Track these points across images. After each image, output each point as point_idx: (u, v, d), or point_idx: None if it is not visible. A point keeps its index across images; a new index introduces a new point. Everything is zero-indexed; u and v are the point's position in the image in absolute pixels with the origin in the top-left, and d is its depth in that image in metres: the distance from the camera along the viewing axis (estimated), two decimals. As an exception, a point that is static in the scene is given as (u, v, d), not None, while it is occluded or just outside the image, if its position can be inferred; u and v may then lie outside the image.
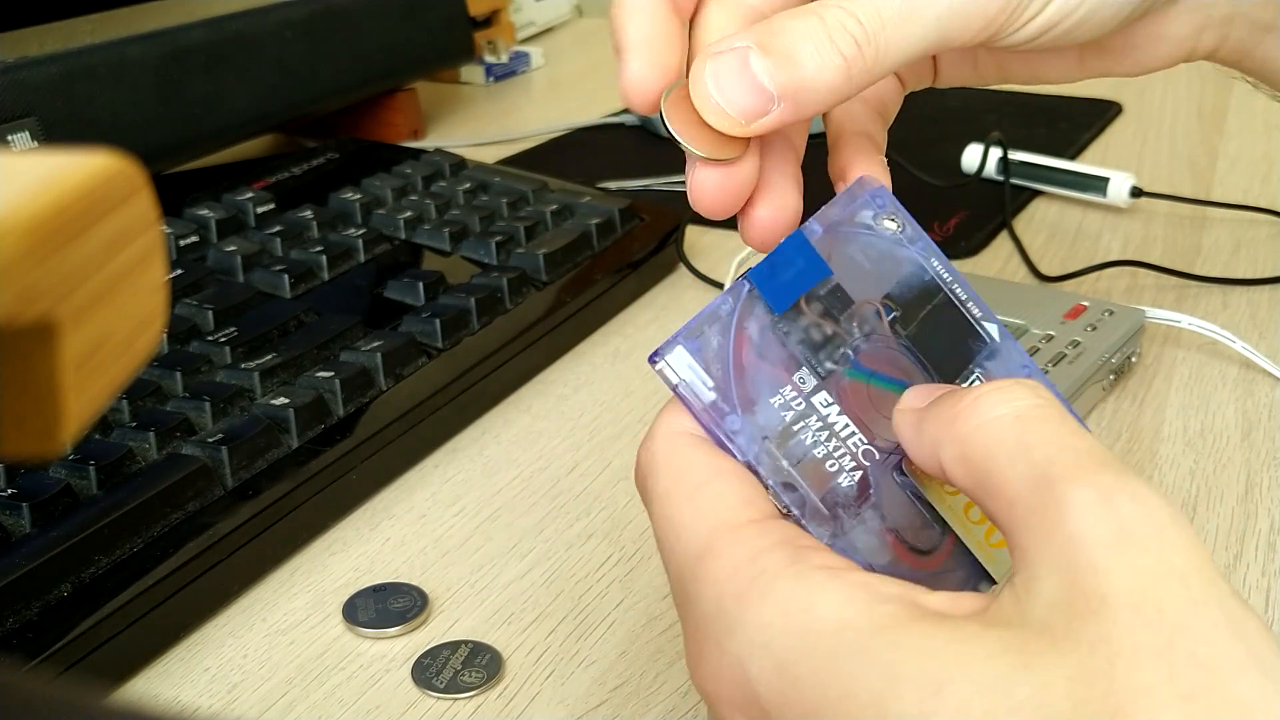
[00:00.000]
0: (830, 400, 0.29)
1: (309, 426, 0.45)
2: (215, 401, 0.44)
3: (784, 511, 0.28)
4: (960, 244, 0.66)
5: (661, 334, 0.58)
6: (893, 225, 0.31)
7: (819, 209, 0.31)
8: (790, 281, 0.30)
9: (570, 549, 0.43)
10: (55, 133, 0.60)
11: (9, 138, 0.58)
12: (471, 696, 0.37)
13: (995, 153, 0.72)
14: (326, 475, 0.44)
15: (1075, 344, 0.50)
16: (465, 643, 0.39)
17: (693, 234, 0.66)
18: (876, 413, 0.29)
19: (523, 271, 0.56)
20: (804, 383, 0.29)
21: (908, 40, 0.30)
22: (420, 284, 0.54)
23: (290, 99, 0.74)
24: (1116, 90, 0.94)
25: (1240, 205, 0.69)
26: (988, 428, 0.25)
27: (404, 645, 0.39)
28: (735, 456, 0.28)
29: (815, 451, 0.28)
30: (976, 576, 0.28)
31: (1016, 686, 0.21)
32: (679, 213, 0.66)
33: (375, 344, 0.49)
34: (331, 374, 0.47)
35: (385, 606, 0.40)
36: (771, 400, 0.28)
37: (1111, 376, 0.51)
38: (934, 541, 0.28)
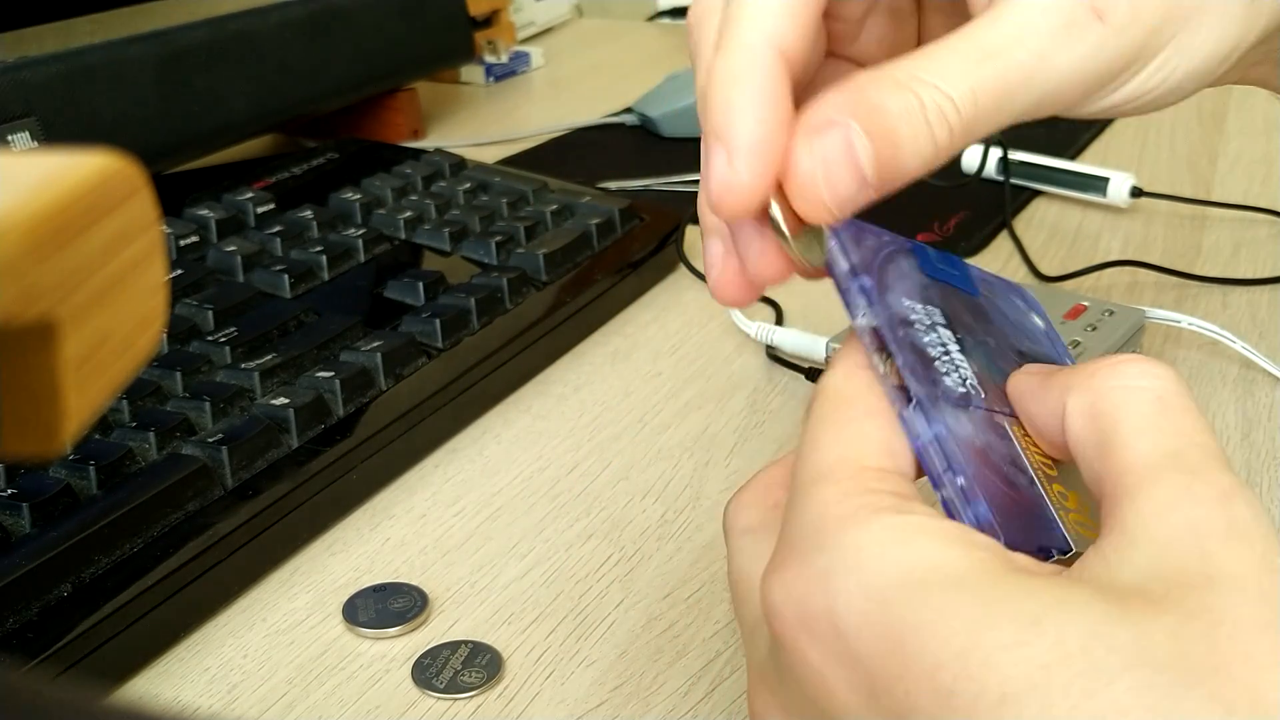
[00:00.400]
0: (955, 339, 0.30)
1: (309, 426, 0.45)
2: (215, 401, 0.44)
3: (885, 356, 0.28)
4: (960, 244, 0.66)
5: (661, 334, 0.58)
6: (1041, 324, 0.33)
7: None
8: (944, 269, 0.31)
9: (570, 549, 0.43)
10: (55, 133, 0.60)
11: (9, 138, 0.58)
12: (471, 697, 0.37)
13: (995, 152, 0.72)
14: (326, 475, 0.44)
15: (1075, 344, 0.50)
16: (465, 643, 0.39)
17: (693, 234, 0.66)
18: (994, 386, 0.30)
19: (523, 271, 0.56)
20: (934, 315, 0.30)
21: (996, 123, 0.29)
22: (420, 284, 0.54)
23: (290, 99, 0.74)
24: (1116, 90, 0.93)
25: (1240, 205, 0.69)
26: (1127, 392, 0.26)
27: (404, 645, 0.39)
28: (857, 310, 0.28)
29: (930, 350, 0.29)
30: (1046, 539, 0.27)
31: (1117, 630, 0.21)
32: (679, 213, 0.66)
33: (375, 344, 0.49)
34: (331, 374, 0.47)
35: (385, 606, 0.40)
36: (904, 300, 0.29)
37: (1112, 376, 0.51)
38: (1021, 485, 0.28)
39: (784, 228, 0.28)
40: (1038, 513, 0.27)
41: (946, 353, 0.29)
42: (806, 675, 0.24)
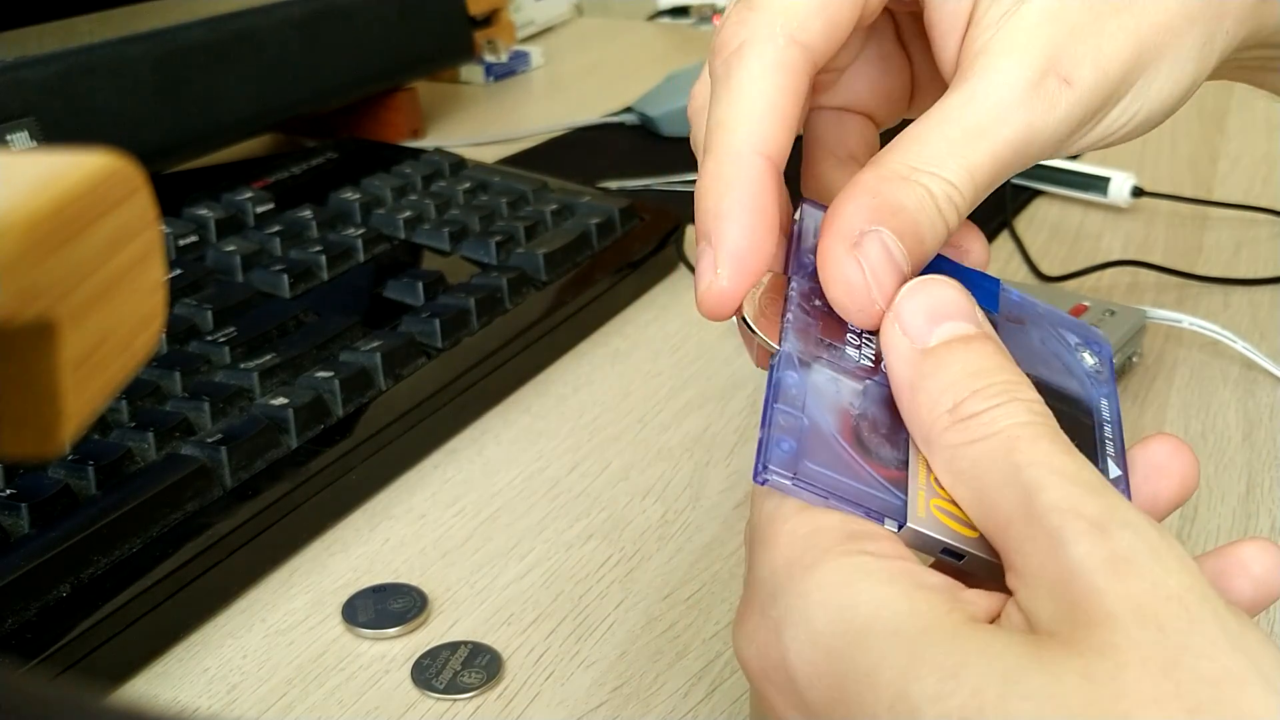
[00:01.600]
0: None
1: (308, 427, 0.45)
2: (214, 402, 0.44)
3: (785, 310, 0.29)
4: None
5: (661, 334, 0.58)
6: (1092, 361, 0.32)
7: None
8: (955, 273, 0.30)
9: (570, 549, 0.43)
10: (54, 132, 0.60)
11: (8, 138, 0.58)
12: (471, 697, 0.37)
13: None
14: (326, 476, 0.44)
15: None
16: (465, 643, 0.39)
17: (693, 234, 0.66)
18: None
19: (522, 271, 0.56)
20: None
21: (992, 188, 0.30)
22: (420, 284, 0.54)
23: (290, 98, 0.74)
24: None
25: (1241, 205, 0.69)
26: (978, 448, 0.26)
27: (403, 646, 0.39)
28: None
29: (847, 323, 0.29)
30: (891, 512, 0.27)
31: (1029, 676, 0.22)
32: (679, 212, 0.66)
33: (375, 344, 0.49)
34: (331, 374, 0.46)
35: (385, 607, 0.40)
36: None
37: (1112, 376, 0.51)
38: (885, 458, 0.28)
39: (753, 324, 0.29)
40: (887, 485, 0.27)
41: (871, 334, 0.29)
42: (767, 712, 0.26)
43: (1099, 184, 0.70)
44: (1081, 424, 0.31)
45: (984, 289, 0.32)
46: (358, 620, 0.40)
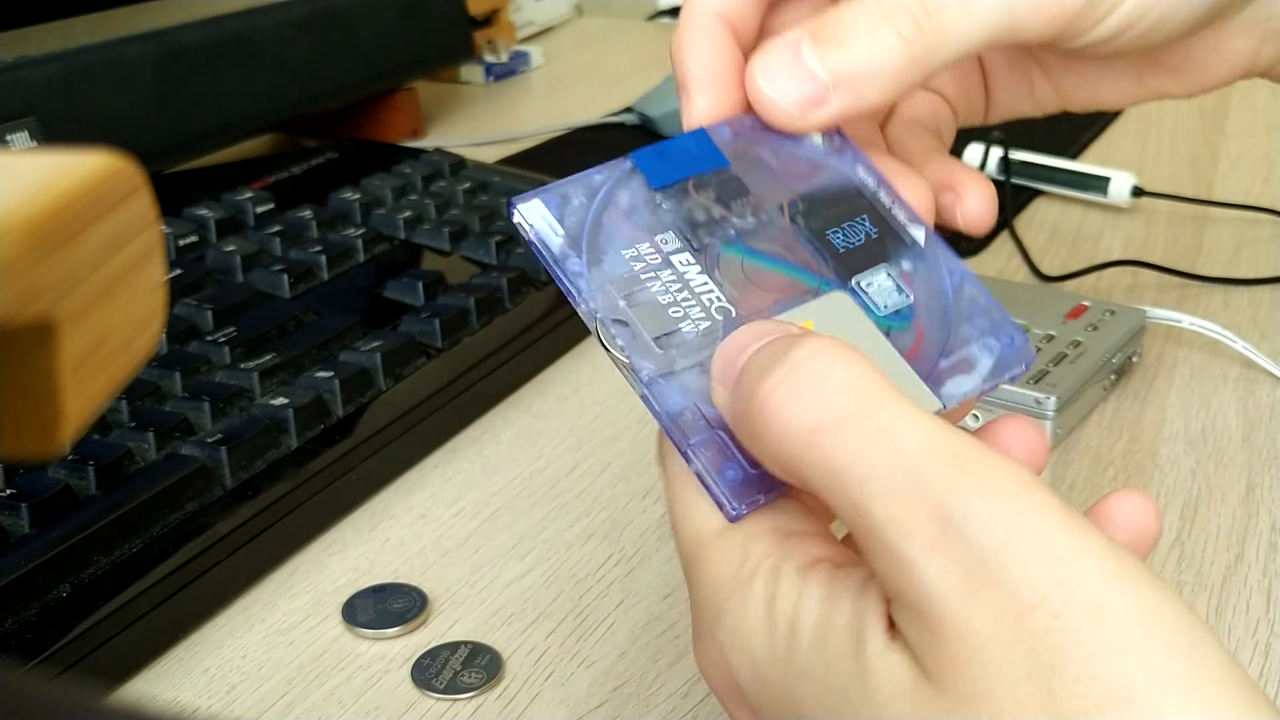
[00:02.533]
0: (692, 261, 0.29)
1: (308, 427, 0.45)
2: (214, 402, 0.44)
3: (612, 348, 0.29)
4: (961, 244, 0.66)
5: (661, 334, 0.58)
6: (819, 138, 0.31)
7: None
8: (677, 163, 0.30)
9: (570, 549, 0.43)
10: (54, 132, 0.60)
11: (8, 137, 0.58)
12: (471, 697, 0.37)
13: (996, 152, 0.72)
14: (326, 475, 0.44)
15: (1076, 344, 0.50)
16: (465, 643, 0.39)
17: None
18: (751, 284, 0.30)
19: (522, 271, 0.56)
20: (665, 244, 0.29)
21: (973, 21, 0.29)
22: (420, 284, 0.54)
23: (289, 98, 0.74)
24: (1117, 90, 0.93)
25: (1242, 205, 0.69)
26: (787, 442, 0.24)
27: (403, 646, 0.39)
28: (575, 300, 0.29)
29: (660, 299, 0.29)
30: None
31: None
32: (679, 212, 0.66)
33: (375, 344, 0.49)
34: (331, 374, 0.46)
35: (385, 607, 0.40)
36: (624, 252, 0.29)
37: (1113, 376, 0.51)
38: None
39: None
40: None
41: (684, 287, 0.29)
42: None
43: (1099, 184, 0.70)
44: (862, 209, 0.31)
45: (698, 147, 0.31)
46: (358, 620, 0.40)
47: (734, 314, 0.29)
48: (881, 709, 0.23)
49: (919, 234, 0.31)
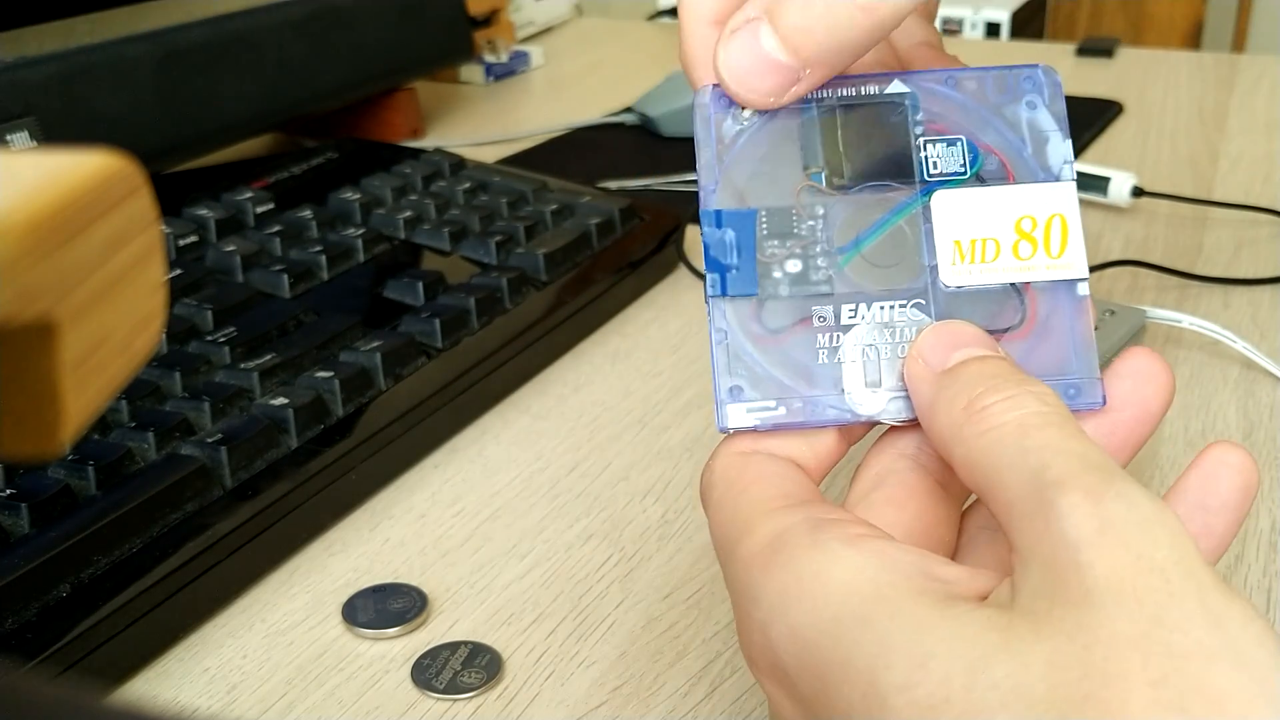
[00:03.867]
0: (853, 313, 0.30)
1: (308, 427, 0.45)
2: (214, 402, 0.44)
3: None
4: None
5: (661, 334, 0.58)
6: (748, 111, 0.31)
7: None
8: (738, 256, 0.30)
9: (570, 549, 0.43)
10: (54, 132, 0.60)
11: (8, 138, 0.58)
12: (471, 697, 0.37)
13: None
14: (326, 476, 0.44)
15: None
16: (465, 643, 0.39)
17: (693, 234, 0.66)
18: (884, 267, 0.30)
19: (522, 271, 0.56)
20: (825, 320, 0.30)
21: None
22: (420, 284, 0.54)
23: (289, 98, 0.74)
24: (1118, 89, 0.94)
25: (1242, 205, 0.69)
26: (991, 435, 0.26)
27: (403, 646, 0.39)
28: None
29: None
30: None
31: (996, 664, 0.22)
32: (679, 213, 0.66)
33: (375, 344, 0.49)
34: (331, 374, 0.46)
35: (385, 607, 0.40)
36: (816, 351, 0.30)
37: (1112, 376, 0.51)
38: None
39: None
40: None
41: (878, 350, 0.30)
42: (777, 712, 0.27)
43: (1099, 184, 0.70)
44: (859, 115, 0.31)
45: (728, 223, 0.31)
46: (358, 620, 0.40)
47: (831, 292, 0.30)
48: (965, 643, 0.23)
49: (899, 87, 0.32)
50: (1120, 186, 0.69)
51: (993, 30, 1.67)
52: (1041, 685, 0.22)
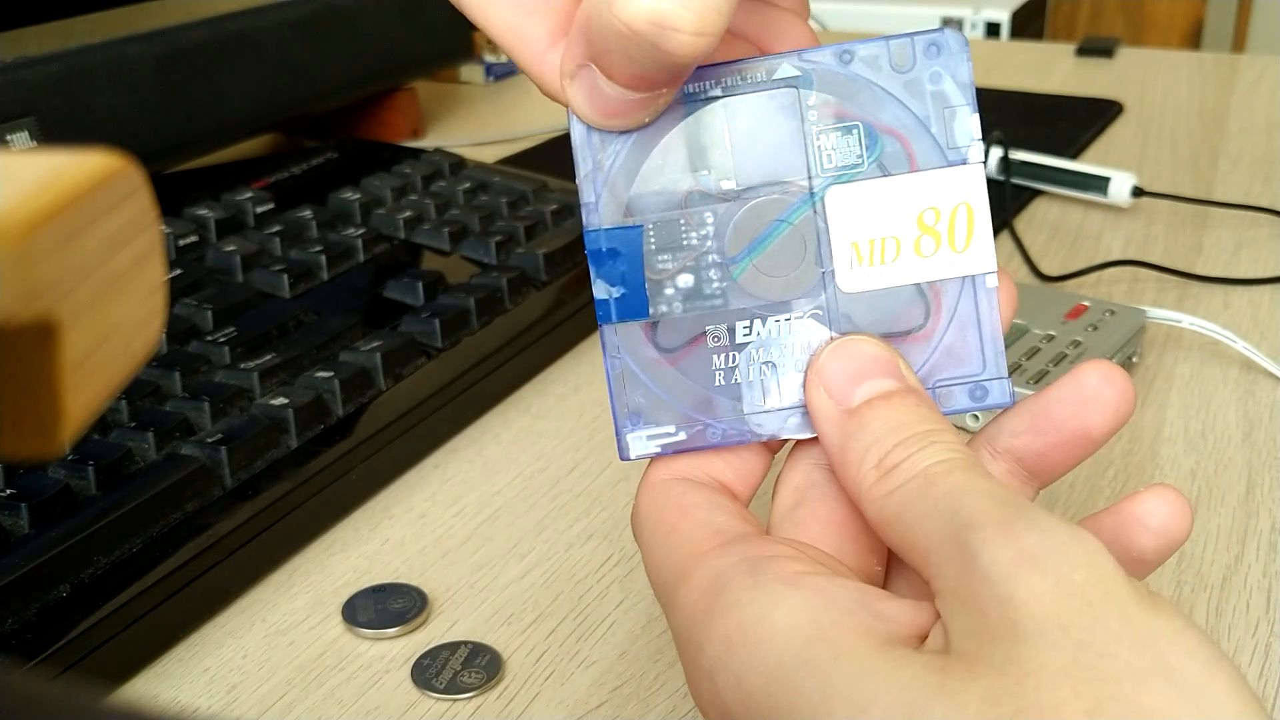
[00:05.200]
0: (748, 331, 0.29)
1: (308, 427, 0.45)
2: (214, 402, 0.44)
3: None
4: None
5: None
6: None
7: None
8: (626, 277, 0.29)
9: (570, 549, 0.43)
10: (54, 132, 0.60)
11: (8, 137, 0.58)
12: (471, 697, 0.37)
13: (996, 152, 0.72)
14: (326, 476, 0.44)
15: (1076, 344, 0.50)
16: (465, 643, 0.39)
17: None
18: (779, 276, 0.29)
19: (523, 271, 0.56)
20: (720, 339, 0.29)
21: None
22: (420, 284, 0.54)
23: (289, 98, 0.74)
24: (1118, 89, 0.94)
25: (1241, 205, 0.69)
26: (899, 493, 0.26)
27: (403, 646, 0.39)
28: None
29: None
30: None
31: (934, 707, 0.22)
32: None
33: (375, 344, 0.49)
34: (331, 374, 0.46)
35: (385, 607, 0.40)
36: (713, 372, 0.29)
37: (1112, 376, 0.51)
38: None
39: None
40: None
41: (780, 357, 0.29)
42: None
43: (1099, 184, 0.70)
44: (735, 109, 0.29)
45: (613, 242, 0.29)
46: (358, 620, 0.40)
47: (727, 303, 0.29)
48: (903, 687, 0.23)
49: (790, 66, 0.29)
50: (1120, 186, 0.69)
51: (993, 30, 1.67)
52: None
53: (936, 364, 0.29)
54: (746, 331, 0.29)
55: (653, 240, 0.29)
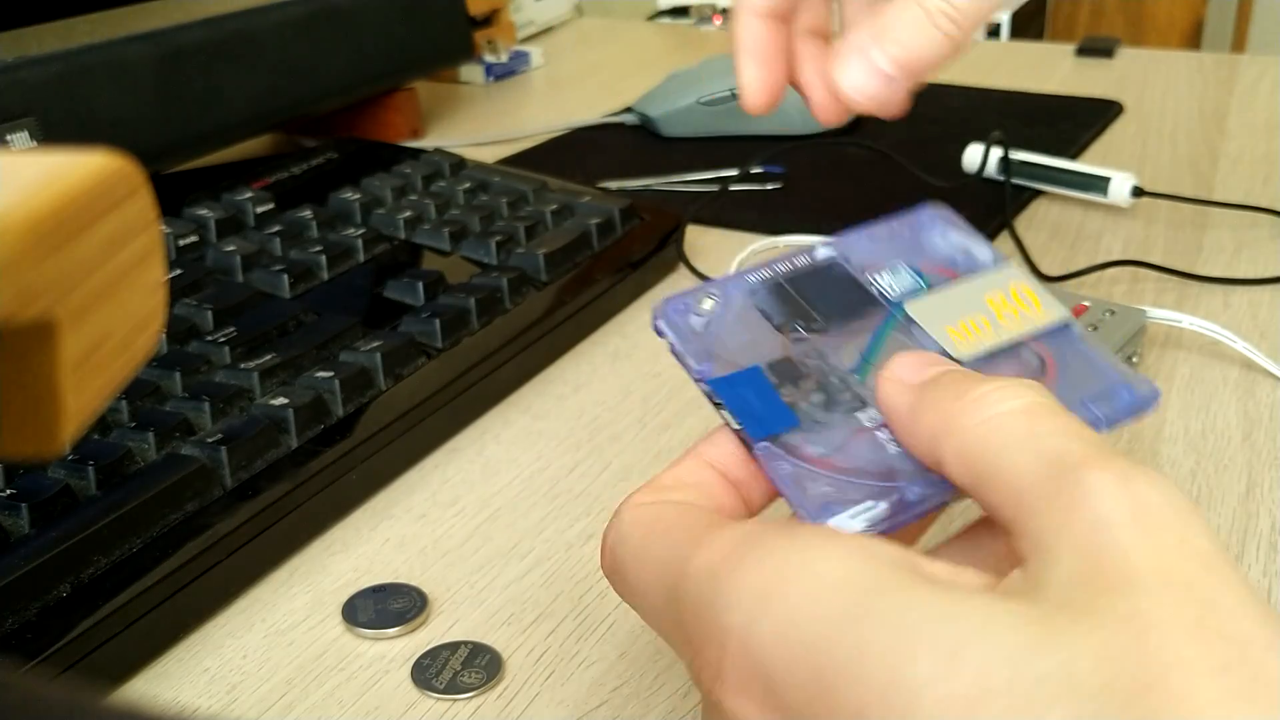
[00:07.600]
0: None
1: (308, 427, 0.45)
2: (214, 402, 0.44)
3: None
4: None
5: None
6: (706, 304, 0.33)
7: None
8: (761, 400, 0.31)
9: (570, 549, 0.43)
10: (54, 132, 0.60)
11: (8, 137, 0.58)
12: (471, 697, 0.37)
13: (996, 152, 0.72)
14: (326, 475, 0.44)
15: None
16: (465, 643, 0.39)
17: (693, 234, 0.66)
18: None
19: (523, 271, 0.56)
20: (876, 419, 0.30)
21: (988, 8, 0.39)
22: (420, 284, 0.54)
23: (289, 98, 0.74)
24: (1118, 90, 0.94)
25: (1242, 205, 0.69)
26: (994, 422, 0.25)
27: (403, 646, 0.39)
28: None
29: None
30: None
31: (1041, 658, 0.20)
32: (679, 212, 0.66)
33: (375, 344, 0.49)
34: (331, 374, 0.46)
35: (385, 607, 0.40)
36: (883, 443, 0.30)
37: (1112, 376, 0.51)
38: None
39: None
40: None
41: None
42: None
43: (1099, 184, 0.70)
44: (813, 282, 0.34)
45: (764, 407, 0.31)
46: (358, 620, 0.40)
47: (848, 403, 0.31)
48: (998, 636, 0.21)
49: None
50: (1120, 186, 0.69)
51: (993, 31, 1.68)
52: (1095, 677, 0.20)
53: (1073, 394, 0.31)
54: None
55: (773, 376, 0.31)
